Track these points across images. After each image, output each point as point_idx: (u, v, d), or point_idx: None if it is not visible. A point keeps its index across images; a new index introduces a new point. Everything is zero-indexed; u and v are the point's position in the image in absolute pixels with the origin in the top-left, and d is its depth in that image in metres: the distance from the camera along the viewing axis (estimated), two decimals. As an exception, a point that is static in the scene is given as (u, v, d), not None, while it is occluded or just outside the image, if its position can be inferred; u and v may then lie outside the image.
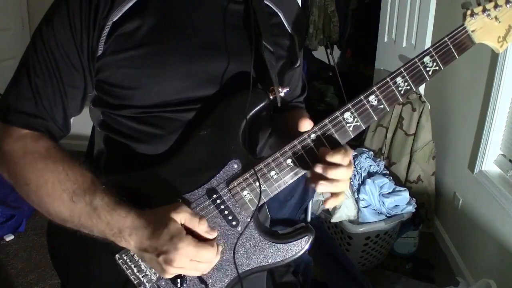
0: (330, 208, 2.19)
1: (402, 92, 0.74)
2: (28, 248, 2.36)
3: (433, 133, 2.52)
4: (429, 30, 2.61)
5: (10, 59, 2.91)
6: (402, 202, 2.21)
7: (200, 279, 0.76)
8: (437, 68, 0.74)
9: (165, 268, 0.68)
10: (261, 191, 0.75)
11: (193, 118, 0.78)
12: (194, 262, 0.69)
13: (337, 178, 0.72)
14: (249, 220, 0.76)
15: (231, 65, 0.78)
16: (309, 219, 1.93)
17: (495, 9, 0.74)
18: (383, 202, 2.19)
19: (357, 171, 2.31)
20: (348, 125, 0.74)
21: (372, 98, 0.74)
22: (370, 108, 0.74)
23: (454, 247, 2.34)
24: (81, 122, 0.88)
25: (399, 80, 0.74)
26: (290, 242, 0.77)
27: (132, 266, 0.76)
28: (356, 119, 0.74)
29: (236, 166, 0.75)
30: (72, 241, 0.77)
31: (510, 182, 1.91)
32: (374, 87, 0.74)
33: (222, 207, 0.75)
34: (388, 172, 2.41)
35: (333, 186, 0.72)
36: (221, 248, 0.74)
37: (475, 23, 0.75)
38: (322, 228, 2.36)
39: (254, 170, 0.74)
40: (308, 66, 4.17)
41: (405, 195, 2.23)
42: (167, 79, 0.75)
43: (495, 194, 1.91)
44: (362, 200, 2.18)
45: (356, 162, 2.35)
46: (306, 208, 1.89)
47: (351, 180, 2.27)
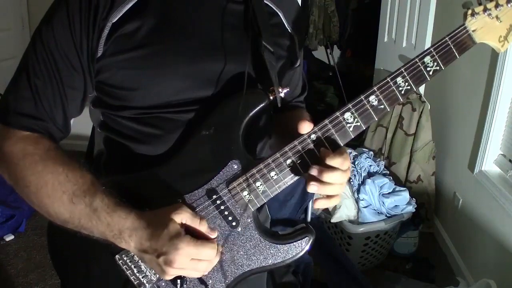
0: (319, 208, 2.18)
1: (403, 92, 0.74)
2: (28, 248, 2.36)
3: (433, 133, 2.52)
4: (429, 30, 2.60)
5: (10, 59, 2.91)
6: (402, 202, 2.21)
7: (200, 280, 0.76)
8: (437, 68, 0.74)
9: (165, 269, 0.68)
10: (261, 192, 0.74)
11: (193, 119, 0.77)
12: (194, 262, 0.69)
13: (331, 181, 0.71)
14: (249, 220, 0.76)
15: (231, 66, 0.78)
16: (309, 219, 1.93)
17: (496, 9, 0.74)
18: (383, 202, 2.19)
19: (357, 171, 2.31)
20: (349, 125, 0.74)
21: (372, 98, 0.73)
22: (370, 108, 0.73)
23: (454, 247, 2.34)
24: (81, 122, 0.88)
25: (400, 80, 0.73)
26: (290, 242, 0.76)
27: (132, 266, 0.76)
28: (356, 119, 0.73)
29: (236, 167, 0.75)
30: (72, 241, 0.77)
31: (510, 182, 1.91)
32: (375, 87, 0.73)
33: (222, 207, 0.75)
34: (388, 172, 2.41)
35: (324, 188, 0.72)
36: (221, 248, 0.74)
37: (476, 23, 0.74)
38: (322, 228, 2.36)
39: (254, 171, 0.74)
40: (308, 66, 4.17)
41: (405, 195, 2.23)
42: (167, 80, 0.75)
43: (495, 194, 1.91)
44: (362, 200, 2.18)
45: (356, 162, 2.34)
46: (306, 208, 1.89)
47: (351, 180, 2.27)
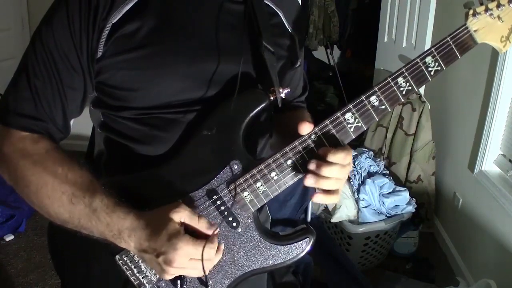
0: (317, 203, 2.16)
1: (404, 93, 0.73)
2: (28, 248, 2.36)
3: (433, 133, 2.52)
4: (429, 30, 2.60)
5: (10, 59, 2.90)
6: (402, 202, 2.21)
7: (200, 280, 0.76)
8: (439, 68, 0.74)
9: (165, 268, 0.68)
10: (262, 193, 0.74)
11: (194, 119, 0.77)
12: (193, 261, 0.68)
13: (328, 176, 0.71)
14: (249, 221, 0.76)
15: (231, 66, 0.78)
16: (309, 219, 1.93)
17: (497, 9, 0.73)
18: (383, 202, 2.19)
19: (357, 171, 2.31)
20: (349, 125, 0.73)
21: (373, 98, 0.73)
22: (371, 109, 0.73)
23: (454, 247, 2.34)
24: (81, 122, 0.87)
25: (401, 80, 0.73)
26: (291, 243, 0.76)
27: (132, 267, 0.76)
28: (357, 119, 0.73)
29: (236, 167, 0.74)
30: (72, 241, 0.77)
31: (510, 182, 1.91)
32: (376, 88, 0.73)
33: (223, 208, 0.75)
34: (388, 172, 2.41)
35: (321, 182, 0.71)
36: (222, 247, 0.73)
37: (478, 23, 0.74)
38: (322, 228, 2.36)
39: (255, 171, 0.74)
40: (308, 66, 4.17)
41: (405, 195, 2.23)
42: (167, 80, 0.75)
43: (495, 194, 1.91)
44: (362, 200, 2.18)
45: (356, 162, 2.34)
46: (306, 208, 1.89)
47: (351, 180, 2.26)
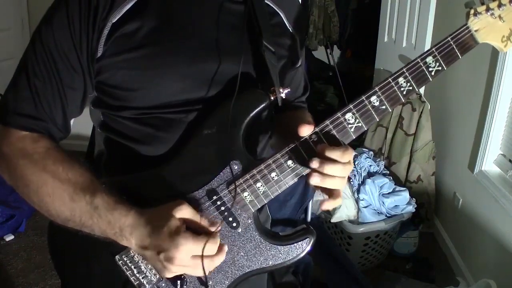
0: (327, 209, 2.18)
1: (405, 93, 0.73)
2: (28, 248, 2.36)
3: (433, 133, 2.52)
4: (429, 30, 2.60)
5: (10, 59, 2.90)
6: (402, 202, 2.21)
7: (200, 281, 0.76)
8: (440, 68, 0.74)
9: (166, 266, 0.68)
10: (262, 193, 0.74)
11: (194, 119, 0.77)
12: (195, 259, 0.68)
13: (332, 174, 0.70)
14: (249, 221, 0.76)
15: (231, 66, 0.77)
16: (309, 219, 1.93)
17: (499, 8, 0.73)
18: (383, 202, 2.19)
19: (357, 171, 2.31)
20: (350, 126, 0.73)
21: (374, 98, 0.73)
22: (372, 109, 0.73)
23: (454, 247, 2.34)
24: (81, 122, 0.87)
25: (402, 80, 0.73)
26: (291, 244, 0.76)
27: (132, 267, 0.75)
28: (357, 120, 0.73)
29: (236, 167, 0.74)
30: (73, 241, 0.77)
31: (510, 182, 1.91)
32: (376, 88, 0.73)
33: (223, 208, 0.75)
34: (388, 172, 2.41)
35: (326, 181, 0.71)
36: (226, 248, 0.73)
37: (479, 23, 0.73)
38: (322, 228, 2.36)
39: (255, 171, 0.73)
40: (308, 66, 4.16)
41: (405, 195, 2.23)
42: (167, 80, 0.75)
43: (495, 194, 1.91)
44: (362, 200, 2.18)
45: (356, 162, 2.34)
46: (306, 208, 1.89)
47: (351, 180, 2.26)
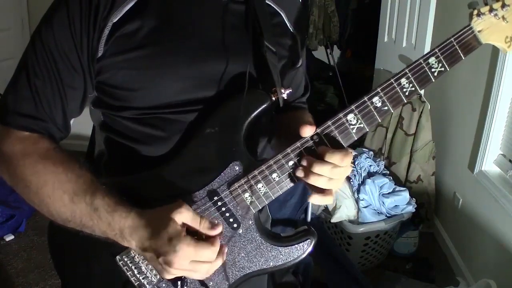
0: (315, 204, 2.16)
1: (407, 94, 0.73)
2: (28, 248, 2.36)
3: (433, 133, 2.52)
4: (429, 30, 2.60)
5: (10, 59, 2.89)
6: (402, 202, 2.21)
7: (201, 282, 0.76)
8: (442, 69, 0.73)
9: (166, 268, 0.68)
10: (263, 194, 0.74)
11: (195, 120, 0.77)
12: (194, 263, 0.68)
13: (318, 173, 0.70)
14: (250, 222, 0.75)
15: (232, 66, 0.77)
16: (309, 219, 1.93)
17: (502, 9, 0.73)
18: (383, 202, 2.19)
19: (357, 171, 2.31)
20: (352, 127, 0.73)
21: (376, 99, 0.73)
22: (374, 110, 0.73)
23: (454, 247, 2.34)
24: (81, 122, 0.87)
25: (404, 81, 0.73)
26: (292, 245, 0.76)
27: (133, 267, 0.75)
28: (359, 121, 0.73)
29: (237, 168, 0.74)
30: (73, 241, 0.77)
31: (510, 182, 1.91)
32: (378, 88, 0.72)
33: (223, 209, 0.75)
34: (388, 172, 2.41)
35: (310, 178, 0.71)
36: (226, 249, 0.73)
37: (482, 23, 0.73)
38: (322, 228, 2.36)
39: (256, 172, 0.73)
40: (308, 66, 4.15)
41: (405, 195, 2.23)
42: (168, 81, 0.74)
43: (495, 194, 1.91)
44: (362, 200, 2.18)
45: (356, 162, 2.34)
46: (306, 208, 1.89)
47: (351, 180, 2.26)
